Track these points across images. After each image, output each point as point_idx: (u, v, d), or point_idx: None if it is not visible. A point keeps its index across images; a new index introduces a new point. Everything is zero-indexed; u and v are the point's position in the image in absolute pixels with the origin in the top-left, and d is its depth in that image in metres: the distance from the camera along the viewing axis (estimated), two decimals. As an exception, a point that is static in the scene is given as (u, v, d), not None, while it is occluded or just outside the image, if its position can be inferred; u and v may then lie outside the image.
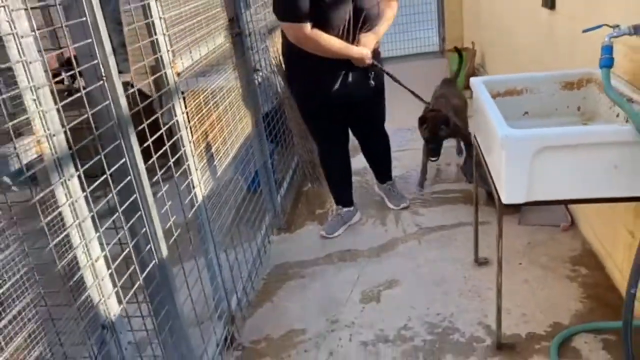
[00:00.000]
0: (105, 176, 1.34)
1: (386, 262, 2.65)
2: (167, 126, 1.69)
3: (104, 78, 1.34)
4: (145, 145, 1.52)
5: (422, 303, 2.31)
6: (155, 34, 1.67)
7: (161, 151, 1.64)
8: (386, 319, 2.25)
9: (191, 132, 1.87)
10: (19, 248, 1.05)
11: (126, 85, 1.43)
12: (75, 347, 1.20)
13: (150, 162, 1.55)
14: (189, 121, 1.86)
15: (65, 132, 1.19)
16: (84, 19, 1.28)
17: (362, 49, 2.56)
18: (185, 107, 1.84)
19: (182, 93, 1.83)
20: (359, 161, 3.27)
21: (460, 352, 2.02)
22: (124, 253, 1.41)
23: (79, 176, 1.22)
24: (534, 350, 1.97)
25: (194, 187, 1.89)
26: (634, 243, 1.97)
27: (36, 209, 1.10)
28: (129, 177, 1.44)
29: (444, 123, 2.96)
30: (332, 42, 2.48)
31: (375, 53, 2.72)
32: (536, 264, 2.45)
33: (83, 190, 1.24)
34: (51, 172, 1.15)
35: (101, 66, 1.33)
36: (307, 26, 2.43)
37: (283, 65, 2.98)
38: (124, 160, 1.42)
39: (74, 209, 1.21)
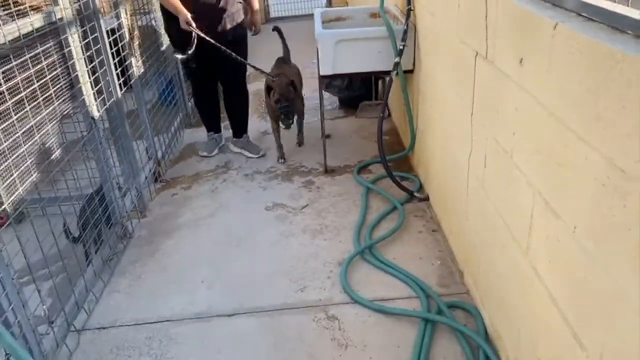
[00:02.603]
0: (88, 39, 2.43)
1: (263, 144, 3.88)
2: (120, 20, 2.79)
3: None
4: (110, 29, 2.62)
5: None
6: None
7: (115, 36, 2.73)
8: (260, 165, 3.51)
9: (129, 31, 2.97)
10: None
11: None
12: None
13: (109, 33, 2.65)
14: (130, 23, 2.95)
15: (71, 9, 2.28)
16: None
17: (187, 15, 3.02)
18: (126, 14, 2.94)
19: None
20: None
21: (303, 175, 3.32)
22: (98, 86, 2.53)
23: (79, 34, 2.31)
24: (346, 172, 3.31)
25: (132, 66, 2.99)
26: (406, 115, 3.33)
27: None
28: (99, 45, 2.53)
29: (291, 85, 3.35)
30: (172, 2, 3.04)
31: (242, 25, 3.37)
32: (360, 136, 3.81)
33: (80, 42, 2.34)
34: (67, 27, 2.24)
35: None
36: None
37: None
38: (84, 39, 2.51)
39: (76, 52, 2.30)
